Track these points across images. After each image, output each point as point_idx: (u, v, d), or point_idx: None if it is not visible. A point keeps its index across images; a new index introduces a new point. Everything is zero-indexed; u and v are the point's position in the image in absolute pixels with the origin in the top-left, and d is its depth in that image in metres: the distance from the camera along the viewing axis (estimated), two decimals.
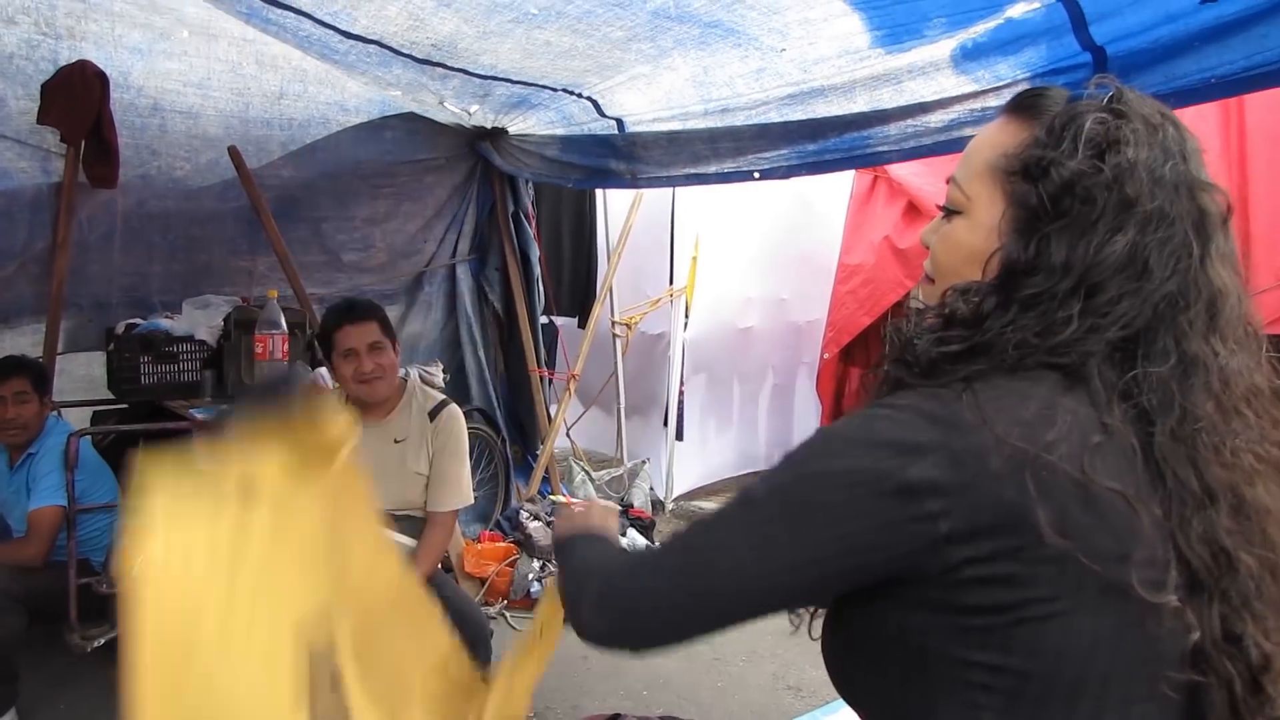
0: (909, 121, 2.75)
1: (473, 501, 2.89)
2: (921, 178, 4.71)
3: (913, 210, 4.75)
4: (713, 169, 3.52)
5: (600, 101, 3.56)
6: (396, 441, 2.71)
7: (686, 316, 5.54)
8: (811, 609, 1.03)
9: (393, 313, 4.76)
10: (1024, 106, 0.95)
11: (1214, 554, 0.86)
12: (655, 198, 5.48)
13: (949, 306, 0.92)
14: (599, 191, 5.59)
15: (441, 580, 2.80)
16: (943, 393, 0.86)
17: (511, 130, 4.50)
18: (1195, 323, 0.88)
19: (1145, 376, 0.86)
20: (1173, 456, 0.86)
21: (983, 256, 0.92)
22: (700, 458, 5.76)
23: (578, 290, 5.69)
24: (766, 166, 3.30)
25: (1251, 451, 0.89)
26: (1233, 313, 0.90)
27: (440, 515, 2.73)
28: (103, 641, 2.99)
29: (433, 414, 2.75)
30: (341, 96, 4.23)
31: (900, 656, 0.88)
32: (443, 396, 2.84)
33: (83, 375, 3.90)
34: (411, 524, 2.71)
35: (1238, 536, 0.87)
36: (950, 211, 0.98)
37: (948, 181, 0.99)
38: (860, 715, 0.97)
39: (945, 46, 2.39)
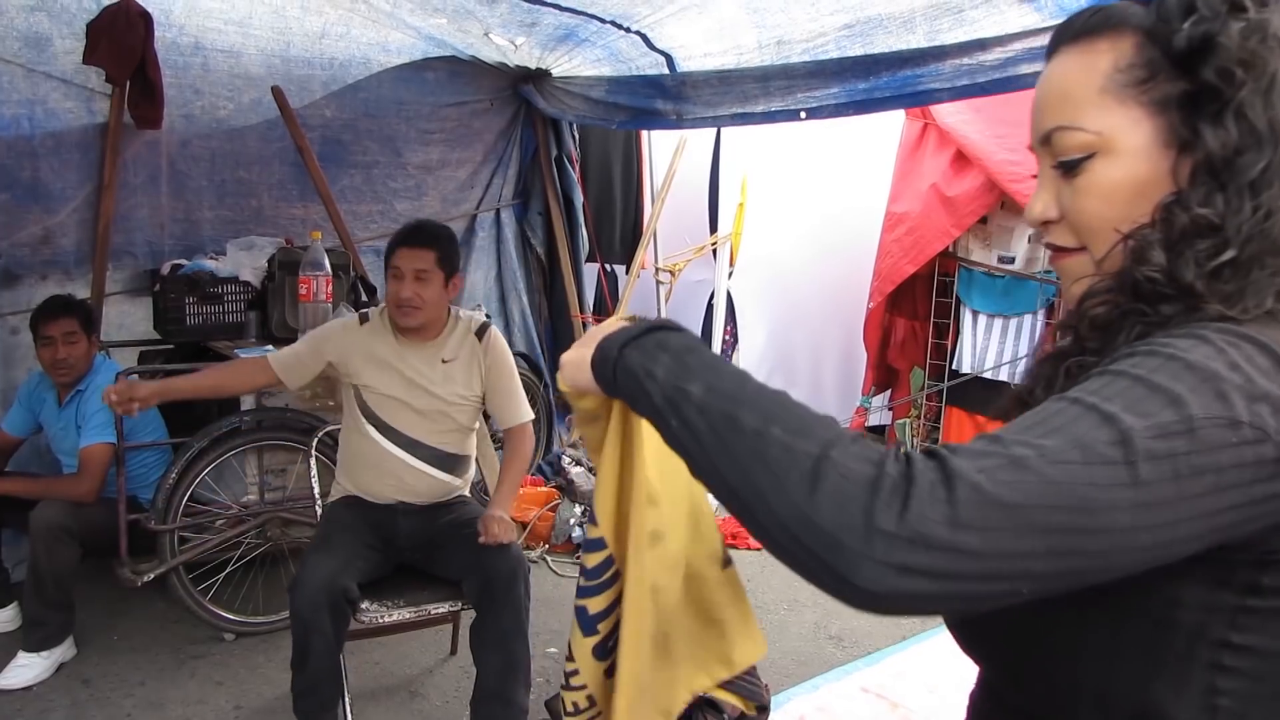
0: (965, 59, 2.65)
1: (534, 417, 2.90)
2: (970, 125, 4.55)
3: (961, 158, 4.60)
4: (759, 109, 3.45)
5: (650, 35, 3.47)
6: (444, 361, 2.73)
7: (731, 265, 5.45)
8: None
9: None
10: (1096, 25, 0.81)
11: None
12: (700, 143, 5.38)
13: (1167, 226, 0.76)
14: (645, 136, 5.51)
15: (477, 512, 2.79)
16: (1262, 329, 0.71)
17: (555, 72, 4.42)
18: None
19: None
20: None
21: (1151, 184, 0.78)
22: None
23: (627, 236, 5.61)
24: (814, 105, 3.23)
25: None
26: None
27: (518, 428, 2.79)
28: (152, 576, 3.05)
29: (479, 333, 2.78)
30: (383, 38, 4.17)
31: (1144, 633, 0.75)
32: (484, 319, 2.87)
33: (143, 329, 3.88)
34: (444, 458, 2.73)
35: None
36: (1077, 162, 0.81)
37: (1039, 145, 0.84)
38: (1029, 690, 0.84)
39: None
